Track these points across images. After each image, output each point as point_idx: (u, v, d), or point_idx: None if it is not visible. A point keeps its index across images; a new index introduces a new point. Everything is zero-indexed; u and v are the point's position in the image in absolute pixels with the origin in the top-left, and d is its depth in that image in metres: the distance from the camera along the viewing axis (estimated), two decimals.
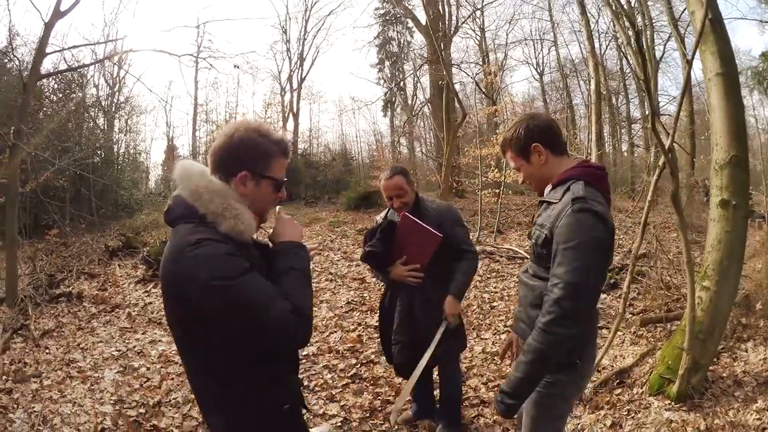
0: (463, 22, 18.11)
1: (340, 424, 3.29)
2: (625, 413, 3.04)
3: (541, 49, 22.59)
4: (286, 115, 22.61)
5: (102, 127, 16.92)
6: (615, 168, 15.86)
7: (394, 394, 3.62)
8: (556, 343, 1.55)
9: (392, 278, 2.77)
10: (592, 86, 4.90)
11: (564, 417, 1.91)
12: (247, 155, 1.46)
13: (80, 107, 13.50)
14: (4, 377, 4.03)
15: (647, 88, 3.01)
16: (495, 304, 5.64)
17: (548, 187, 1.81)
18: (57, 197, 10.64)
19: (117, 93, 19.17)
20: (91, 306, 6.06)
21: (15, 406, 3.57)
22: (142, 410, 3.44)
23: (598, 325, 4.35)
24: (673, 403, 3.00)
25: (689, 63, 2.88)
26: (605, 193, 1.72)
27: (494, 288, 6.26)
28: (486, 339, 4.67)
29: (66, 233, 9.45)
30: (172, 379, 3.96)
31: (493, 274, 6.89)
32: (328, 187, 18.55)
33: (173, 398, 3.61)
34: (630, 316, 4.59)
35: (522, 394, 1.65)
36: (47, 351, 4.68)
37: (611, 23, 15.32)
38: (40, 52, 6.37)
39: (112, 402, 3.57)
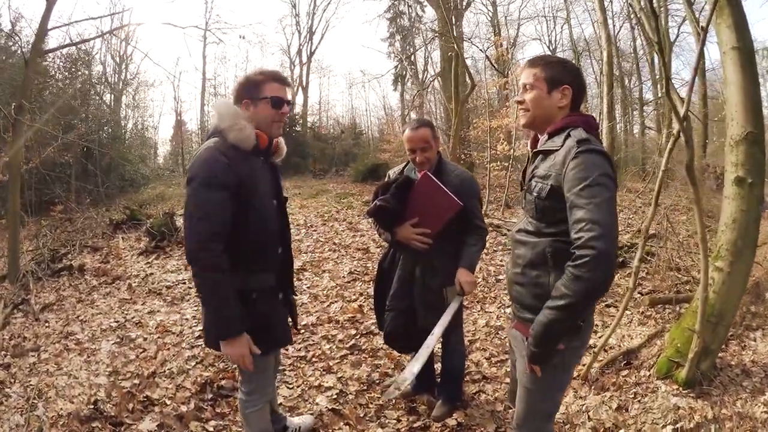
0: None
1: (335, 396, 3.22)
2: (631, 396, 2.94)
3: (554, 27, 22.06)
4: (296, 89, 22.44)
5: (109, 104, 16.90)
6: (626, 149, 15.57)
7: (393, 366, 3.55)
8: (588, 289, 1.43)
9: (398, 239, 2.59)
10: (604, 57, 4.70)
11: (563, 388, 1.81)
12: (243, 87, 2.01)
13: (86, 84, 13.41)
14: (3, 352, 4.01)
15: (660, 50, 2.77)
16: (501, 277, 5.52)
17: (543, 138, 1.73)
18: (63, 173, 10.63)
19: (124, 69, 19.16)
20: (93, 278, 6.05)
21: (12, 380, 3.54)
22: (136, 381, 3.41)
23: (606, 302, 4.31)
24: (681, 389, 2.89)
25: (704, 30, 2.67)
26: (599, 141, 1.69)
27: (500, 261, 6.16)
28: (490, 312, 4.60)
29: (71, 209, 9.44)
30: (168, 349, 3.94)
31: (500, 247, 6.81)
32: (337, 160, 18.52)
33: (168, 369, 3.58)
34: (638, 295, 4.48)
35: (545, 343, 1.56)
36: (47, 324, 4.66)
37: (625, 3, 14.91)
38: (42, 29, 6.29)
39: (107, 373, 3.55)
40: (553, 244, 1.60)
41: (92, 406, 3.03)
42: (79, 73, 13.05)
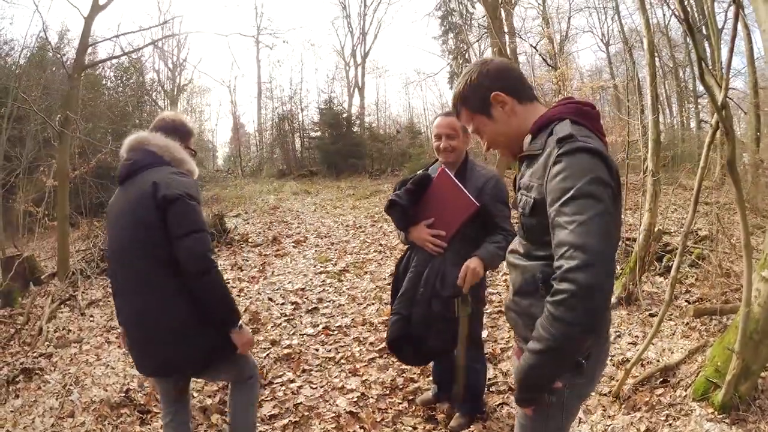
0: None
1: (356, 399, 3.19)
2: (663, 418, 2.69)
3: (605, 19, 21.08)
4: (351, 90, 22.58)
5: (163, 108, 17.65)
6: (683, 144, 14.66)
7: (419, 372, 3.46)
8: (568, 334, 1.14)
9: (411, 239, 2.43)
10: (645, 45, 4.29)
11: (564, 429, 1.54)
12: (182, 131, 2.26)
13: (139, 91, 14.02)
14: (47, 343, 4.24)
15: (689, 27, 2.40)
16: None
17: (527, 138, 1.40)
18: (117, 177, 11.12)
19: (178, 75, 19.95)
20: None
21: (53, 368, 3.77)
22: None
23: (651, 312, 4.01)
24: (716, 413, 2.61)
25: (737, 4, 2.36)
26: (600, 135, 1.34)
27: None
28: None
29: None
30: None
31: None
32: (393, 160, 18.36)
33: None
34: (685, 304, 4.13)
35: (530, 387, 1.31)
36: (91, 319, 4.88)
37: None
38: (83, 44, 6.66)
39: None
40: (543, 270, 1.30)
41: (123, 394, 3.20)
42: (131, 81, 13.66)
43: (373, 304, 4.97)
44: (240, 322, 2.04)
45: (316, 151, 19.44)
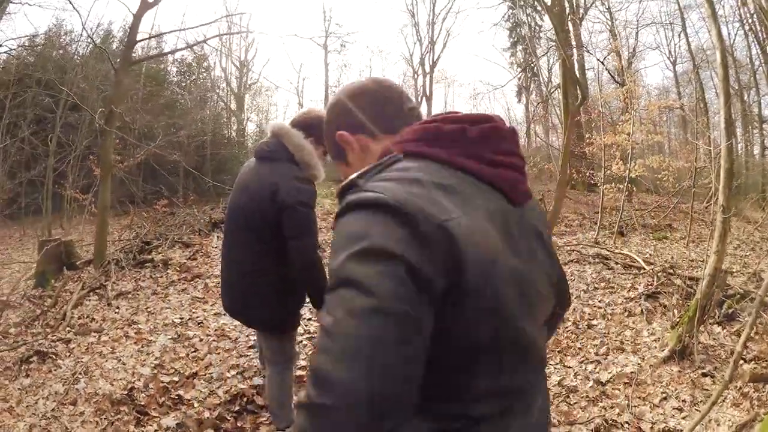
0: (592, 4, 16.62)
1: None
2: None
3: (672, 36, 19.97)
4: (419, 98, 22.52)
5: (226, 104, 18.11)
6: (747, 172, 13.51)
7: None
8: None
9: None
10: (717, 58, 3.69)
11: None
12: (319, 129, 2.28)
13: (201, 88, 14.44)
14: (68, 328, 4.29)
15: None
16: (594, 322, 4.49)
17: None
18: (173, 170, 11.39)
19: (245, 74, 20.48)
20: (174, 273, 6.17)
21: (68, 354, 3.82)
22: (176, 378, 3.47)
23: (704, 370, 3.46)
24: None
25: None
26: (489, 168, 0.83)
27: (599, 302, 5.01)
28: (570, 368, 3.75)
29: (177, 204, 9.97)
30: (219, 353, 3.91)
31: (603, 284, 5.49)
32: None
33: (209, 373, 3.56)
34: (741, 362, 3.43)
35: None
36: (117, 310, 4.88)
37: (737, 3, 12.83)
38: (131, 41, 6.84)
39: (152, 365, 3.65)
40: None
41: (126, 392, 3.19)
42: (193, 77, 14.12)
43: None
44: None
45: None
